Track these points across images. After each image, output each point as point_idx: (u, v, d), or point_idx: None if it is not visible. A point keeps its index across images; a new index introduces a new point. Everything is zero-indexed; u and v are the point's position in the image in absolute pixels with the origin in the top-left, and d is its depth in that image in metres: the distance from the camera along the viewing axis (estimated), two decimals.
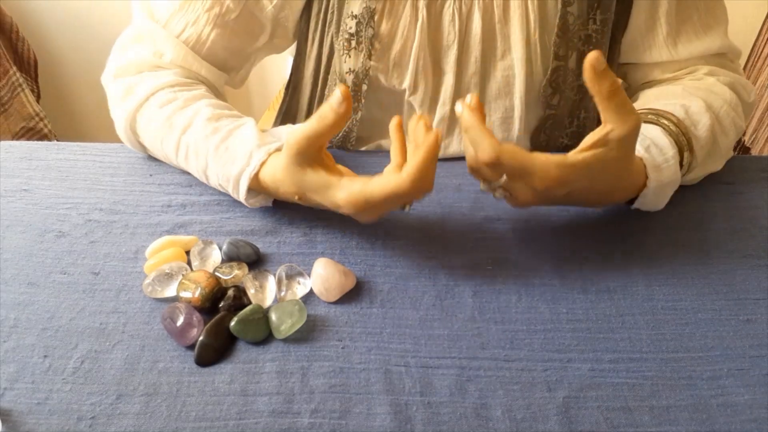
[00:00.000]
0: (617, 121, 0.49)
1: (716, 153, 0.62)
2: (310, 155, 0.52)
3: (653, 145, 0.57)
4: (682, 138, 0.58)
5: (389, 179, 0.49)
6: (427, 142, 0.48)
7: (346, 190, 0.50)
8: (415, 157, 0.48)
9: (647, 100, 0.67)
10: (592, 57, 0.47)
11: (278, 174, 0.54)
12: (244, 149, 0.56)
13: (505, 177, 0.52)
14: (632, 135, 0.50)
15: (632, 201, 0.59)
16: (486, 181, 0.54)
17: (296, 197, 0.55)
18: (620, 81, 0.49)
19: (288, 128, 0.65)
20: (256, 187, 0.57)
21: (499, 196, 0.53)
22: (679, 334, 0.50)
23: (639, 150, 0.56)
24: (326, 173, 0.52)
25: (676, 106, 0.61)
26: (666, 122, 0.59)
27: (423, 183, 0.48)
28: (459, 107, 0.52)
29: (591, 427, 0.44)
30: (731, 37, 0.69)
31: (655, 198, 0.58)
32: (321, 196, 0.53)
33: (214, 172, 0.58)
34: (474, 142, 0.51)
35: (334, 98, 0.48)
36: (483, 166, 0.51)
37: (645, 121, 0.60)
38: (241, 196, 0.57)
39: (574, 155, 0.51)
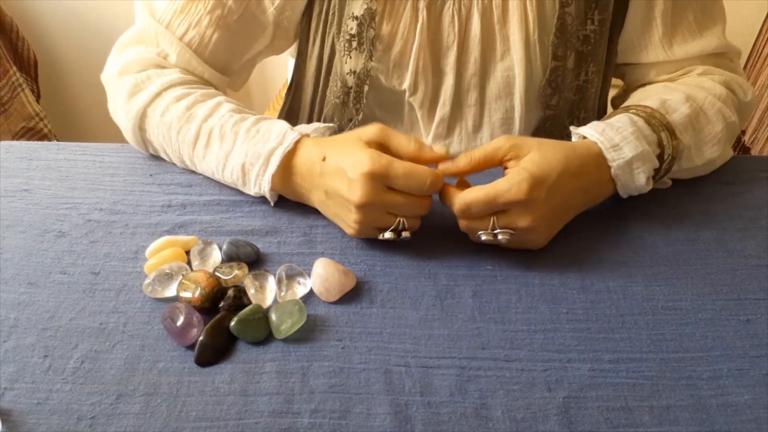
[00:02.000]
0: (498, 158, 0.55)
1: (707, 140, 0.62)
2: (370, 144, 0.54)
3: (608, 126, 0.57)
4: (655, 121, 0.58)
5: (414, 163, 0.53)
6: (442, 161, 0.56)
7: (374, 151, 0.53)
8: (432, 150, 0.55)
9: (632, 100, 0.68)
10: (441, 172, 0.54)
11: (320, 142, 0.57)
12: (277, 130, 0.59)
13: (493, 217, 0.53)
14: (515, 145, 0.54)
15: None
16: (484, 231, 0.54)
17: (322, 158, 0.55)
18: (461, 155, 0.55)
19: (319, 125, 0.65)
20: (281, 171, 0.58)
21: (504, 239, 0.54)
22: (679, 334, 0.50)
23: (594, 135, 0.57)
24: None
25: (654, 99, 0.62)
26: (634, 110, 0.60)
27: (439, 181, 0.53)
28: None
29: (591, 427, 0.44)
30: (731, 37, 0.69)
31: (629, 176, 0.57)
32: (346, 152, 0.54)
33: (242, 151, 0.59)
34: (446, 204, 0.55)
35: (437, 147, 0.55)
36: (464, 219, 0.54)
37: (613, 115, 0.61)
38: (269, 171, 0.58)
39: (524, 163, 0.54)
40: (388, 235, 0.54)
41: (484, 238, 0.54)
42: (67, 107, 1.74)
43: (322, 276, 0.53)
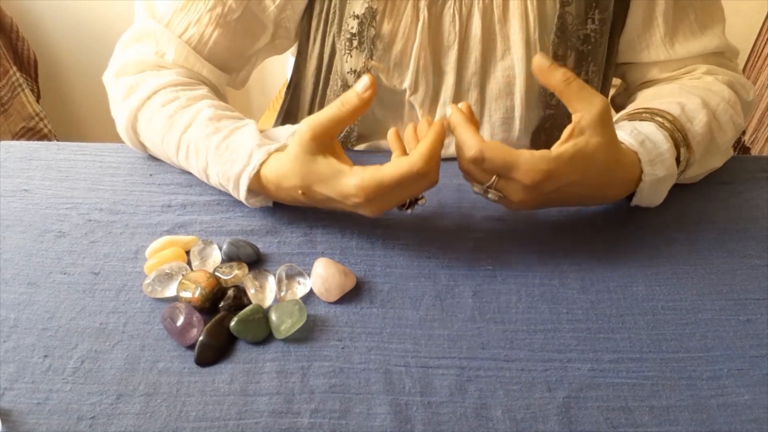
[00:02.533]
0: (583, 107, 0.51)
1: (714, 150, 0.62)
2: (323, 142, 0.52)
3: (648, 139, 0.57)
4: (678, 134, 0.58)
5: (401, 161, 0.50)
6: (435, 127, 0.51)
7: (357, 176, 0.51)
8: (426, 140, 0.50)
9: (644, 99, 0.67)
10: (536, 60, 0.50)
11: (284, 167, 0.54)
12: (244, 149, 0.56)
13: (495, 177, 0.52)
14: (603, 116, 0.51)
15: (630, 198, 0.59)
16: (478, 182, 0.54)
17: (300, 192, 0.54)
18: (570, 73, 0.51)
19: (288, 128, 0.65)
20: (256, 187, 0.57)
21: (492, 198, 0.53)
22: (679, 334, 0.50)
23: (633, 144, 0.56)
24: (337, 161, 0.52)
25: (672, 104, 0.61)
26: (660, 119, 0.59)
27: (434, 164, 0.50)
28: (448, 109, 0.54)
29: (591, 427, 0.44)
30: (731, 37, 0.70)
31: (651, 193, 0.57)
32: (330, 186, 0.52)
33: (215, 171, 0.58)
34: (459, 140, 0.52)
35: (361, 83, 0.50)
36: (471, 165, 0.52)
37: (639, 119, 0.60)
38: (242, 195, 0.57)
39: (557, 148, 0.52)
40: (408, 211, 0.55)
41: (475, 189, 0.54)
42: (67, 107, 1.74)
43: (322, 276, 0.53)
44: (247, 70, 0.75)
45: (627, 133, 0.57)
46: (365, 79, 0.50)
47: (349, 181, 0.51)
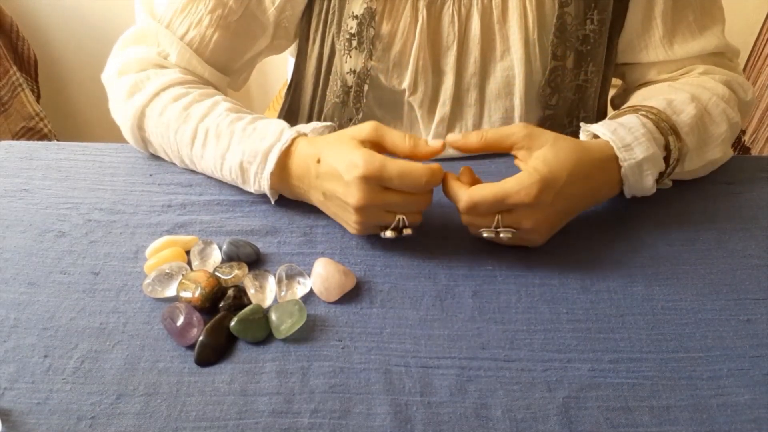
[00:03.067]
0: (509, 138, 0.54)
1: (710, 141, 0.62)
2: (365, 143, 0.54)
3: (620, 126, 0.57)
4: (663, 124, 0.58)
5: (409, 162, 0.52)
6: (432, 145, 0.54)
7: (369, 152, 0.52)
8: (428, 144, 0.54)
9: (635, 99, 0.68)
10: (448, 142, 0.55)
11: (316, 141, 0.57)
12: (274, 128, 0.59)
13: (498, 216, 0.53)
14: (528, 130, 0.54)
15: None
16: (486, 229, 0.54)
17: (317, 159, 0.55)
18: (476, 131, 0.55)
19: (317, 124, 0.65)
20: (278, 170, 0.57)
21: (506, 238, 0.54)
22: (679, 334, 0.50)
23: (605, 134, 0.57)
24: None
25: (659, 100, 0.61)
26: (644, 112, 0.59)
27: (436, 177, 0.52)
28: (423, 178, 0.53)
29: (591, 427, 0.44)
30: (731, 37, 0.70)
31: (637, 177, 0.57)
32: (341, 155, 0.53)
33: (239, 150, 0.58)
34: (449, 198, 0.54)
35: (435, 143, 0.54)
36: (469, 215, 0.54)
37: (622, 115, 0.61)
38: (268, 169, 0.57)
39: (526, 165, 0.54)
40: (389, 233, 0.54)
41: (485, 235, 0.54)
42: (67, 107, 1.74)
43: (322, 276, 0.53)
44: (246, 70, 0.75)
45: (600, 125, 0.58)
46: (438, 143, 0.54)
47: (360, 152, 0.52)
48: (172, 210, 0.62)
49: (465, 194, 0.52)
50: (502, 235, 0.53)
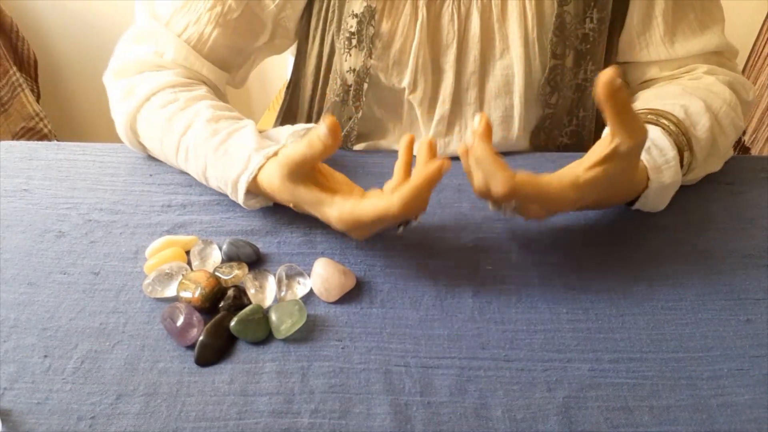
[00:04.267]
0: (626, 134, 0.48)
1: (716, 153, 0.63)
2: (301, 174, 0.52)
3: (654, 146, 0.56)
4: (682, 138, 0.58)
5: (379, 202, 0.49)
6: (428, 171, 0.48)
7: (337, 208, 0.51)
8: (412, 182, 0.48)
9: (647, 100, 0.67)
10: (606, 76, 0.45)
11: (274, 183, 0.54)
12: (242, 153, 0.56)
13: (515, 200, 0.52)
14: (640, 147, 0.50)
15: (633, 202, 0.59)
16: (496, 203, 0.54)
17: (291, 205, 0.55)
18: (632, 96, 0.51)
19: (287, 129, 0.65)
20: (254, 189, 0.57)
21: (509, 215, 0.54)
22: (679, 334, 0.50)
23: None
24: (319, 191, 0.52)
25: (675, 106, 0.61)
26: (666, 122, 0.59)
27: (413, 208, 0.49)
28: (469, 137, 0.51)
29: (591, 427, 0.44)
30: (731, 37, 0.69)
31: (655, 199, 0.58)
32: (314, 210, 0.53)
33: (213, 174, 0.58)
34: (487, 174, 0.50)
35: (322, 130, 0.48)
36: (498, 198, 0.50)
37: (645, 122, 0.60)
38: (240, 199, 0.57)
39: (585, 173, 0.50)
40: (399, 230, 0.55)
41: (492, 208, 0.54)
42: (67, 107, 1.74)
43: (322, 276, 0.53)
44: (246, 68, 0.75)
45: None
46: (324, 127, 0.48)
47: (330, 211, 0.51)
48: (172, 210, 0.62)
49: (508, 182, 0.48)
50: (507, 214, 0.54)
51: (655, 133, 0.58)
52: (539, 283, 0.54)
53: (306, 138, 0.50)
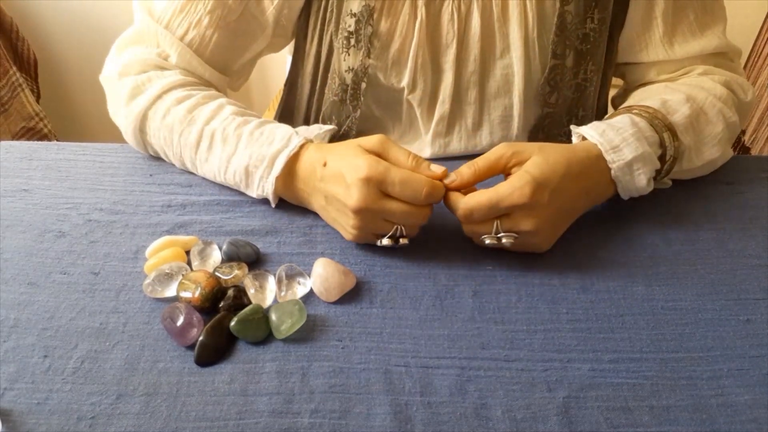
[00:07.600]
0: (501, 158, 0.54)
1: (707, 141, 0.62)
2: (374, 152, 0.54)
3: (609, 127, 0.57)
4: (658, 121, 0.58)
5: (412, 172, 0.53)
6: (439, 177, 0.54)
7: (372, 157, 0.53)
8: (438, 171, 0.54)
9: (632, 100, 0.68)
10: (449, 185, 0.54)
11: (323, 147, 0.58)
12: (282, 133, 0.59)
13: (496, 221, 0.53)
14: (512, 146, 0.54)
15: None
16: (488, 235, 0.54)
17: (323, 163, 0.55)
18: (467, 165, 0.55)
19: (317, 128, 0.65)
20: (284, 174, 0.58)
21: (508, 243, 0.53)
22: (679, 334, 0.50)
23: (594, 136, 0.57)
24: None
25: (654, 99, 0.62)
26: (637, 111, 0.60)
27: (437, 192, 0.53)
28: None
29: (591, 427, 0.44)
30: (731, 37, 0.69)
31: (629, 178, 0.57)
32: (347, 159, 0.54)
33: (246, 154, 0.59)
34: (449, 208, 0.55)
35: (437, 170, 0.54)
36: (468, 224, 0.54)
37: (615, 115, 0.61)
38: (273, 174, 0.58)
39: (519, 169, 0.54)
40: (385, 242, 0.54)
41: (488, 242, 0.54)
42: (67, 107, 1.74)
43: (322, 276, 0.53)
44: (246, 71, 0.75)
45: (589, 127, 0.58)
46: (440, 170, 0.54)
47: (365, 157, 0.53)
48: (172, 210, 0.62)
49: (461, 202, 0.53)
50: (504, 240, 0.53)
51: (616, 119, 0.59)
52: (539, 283, 0.54)
53: (417, 158, 0.54)
